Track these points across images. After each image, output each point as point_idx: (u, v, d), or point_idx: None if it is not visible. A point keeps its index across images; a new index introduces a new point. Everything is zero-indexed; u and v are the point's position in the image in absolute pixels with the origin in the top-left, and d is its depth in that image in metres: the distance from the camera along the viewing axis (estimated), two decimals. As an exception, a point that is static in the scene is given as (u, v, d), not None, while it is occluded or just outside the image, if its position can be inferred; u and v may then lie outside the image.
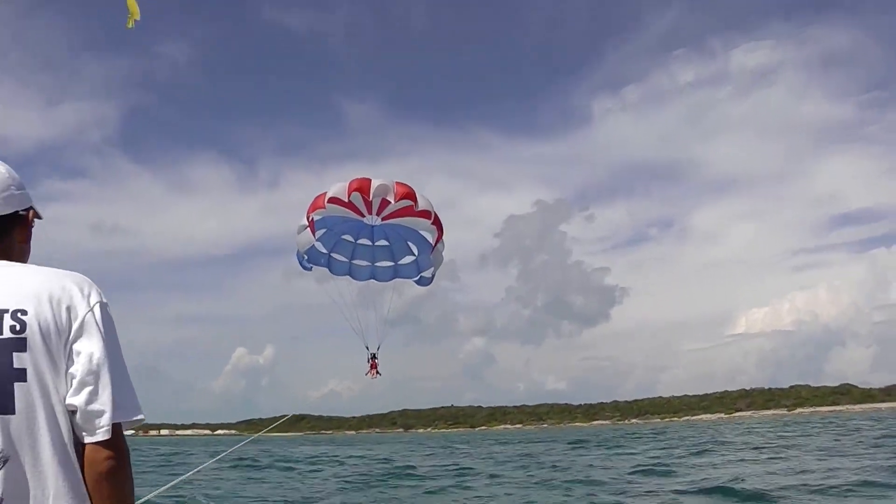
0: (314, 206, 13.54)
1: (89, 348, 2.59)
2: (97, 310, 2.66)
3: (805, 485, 23.85)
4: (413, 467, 40.70)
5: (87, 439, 2.56)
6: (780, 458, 37.71)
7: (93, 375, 2.57)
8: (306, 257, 14.30)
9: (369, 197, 13.28)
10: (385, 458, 50.04)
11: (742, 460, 37.34)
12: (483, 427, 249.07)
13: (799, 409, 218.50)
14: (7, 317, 2.52)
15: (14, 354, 2.49)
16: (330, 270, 14.66)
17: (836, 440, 52.17)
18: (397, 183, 13.40)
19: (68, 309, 2.61)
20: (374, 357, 15.26)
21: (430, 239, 14.06)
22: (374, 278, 14.81)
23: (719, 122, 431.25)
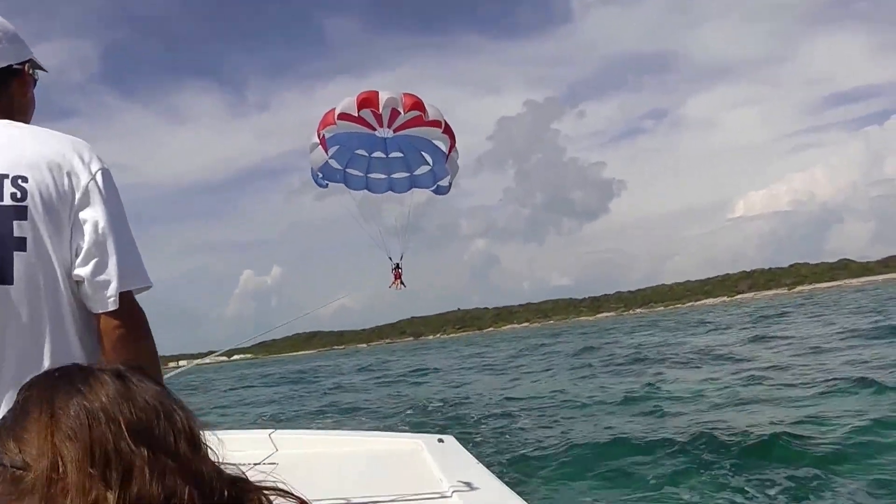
0: (324, 124, 13.23)
1: (94, 217, 2.49)
2: (99, 177, 2.53)
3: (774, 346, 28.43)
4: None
5: (98, 310, 2.49)
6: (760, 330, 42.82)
7: (98, 246, 2.48)
8: (321, 174, 14.04)
9: (379, 110, 13.10)
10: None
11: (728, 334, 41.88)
12: (490, 328, 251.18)
13: (799, 287, 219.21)
14: (7, 182, 2.39)
15: (14, 223, 2.37)
16: (346, 185, 14.42)
17: (823, 312, 56.16)
18: (405, 94, 13.14)
19: (69, 175, 2.47)
20: (397, 267, 15.06)
21: (444, 147, 13.73)
22: (391, 190, 14.54)
23: (706, 7, 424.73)
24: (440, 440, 5.53)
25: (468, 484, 4.23)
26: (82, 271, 2.46)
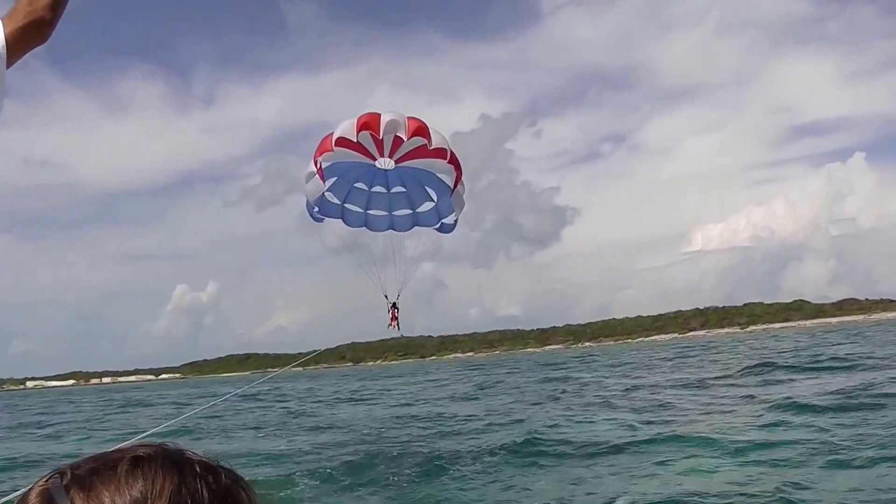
0: (321, 150, 12.31)
1: None
2: None
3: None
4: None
5: None
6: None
7: None
8: (317, 208, 13.04)
9: (379, 135, 12.09)
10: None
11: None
12: (433, 357, 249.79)
13: (752, 327, 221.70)
14: None
15: None
16: (344, 222, 13.46)
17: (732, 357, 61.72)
18: (409, 118, 12.31)
19: None
20: (394, 306, 14.37)
21: (449, 181, 12.89)
22: (392, 228, 13.58)
23: (675, 17, 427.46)
24: None
25: None
26: None
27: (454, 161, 12.58)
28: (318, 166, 12.41)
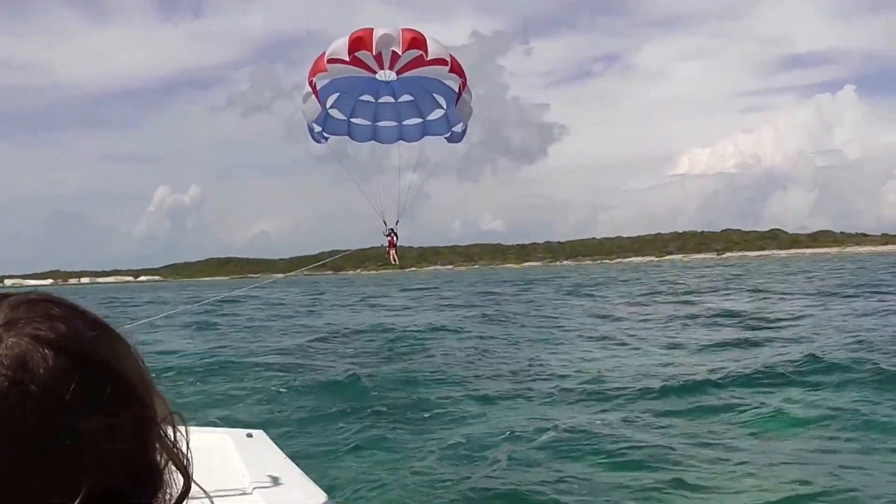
0: (315, 70, 12.09)
1: None
2: None
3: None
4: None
5: None
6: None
7: None
8: (319, 128, 12.74)
9: (373, 51, 11.71)
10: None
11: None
12: (412, 268, 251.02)
13: (728, 253, 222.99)
14: None
15: None
16: (352, 137, 13.17)
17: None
18: (403, 30, 11.81)
19: None
20: (392, 232, 13.73)
21: (454, 88, 12.48)
22: (402, 139, 13.35)
23: None
24: (249, 435, 5.49)
25: (273, 479, 4.23)
26: None
27: (456, 69, 12.23)
28: (314, 86, 12.23)
